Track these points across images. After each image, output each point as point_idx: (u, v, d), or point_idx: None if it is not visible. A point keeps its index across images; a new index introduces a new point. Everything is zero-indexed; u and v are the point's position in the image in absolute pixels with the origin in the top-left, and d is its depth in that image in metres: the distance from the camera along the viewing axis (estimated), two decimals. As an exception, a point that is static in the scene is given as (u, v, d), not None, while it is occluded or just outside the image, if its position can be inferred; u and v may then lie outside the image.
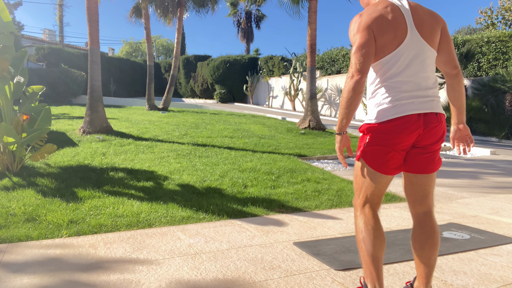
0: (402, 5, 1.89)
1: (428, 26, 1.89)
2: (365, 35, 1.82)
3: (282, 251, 2.86)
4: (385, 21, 1.83)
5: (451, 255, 2.79)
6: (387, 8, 1.87)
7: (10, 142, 4.96)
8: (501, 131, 11.82)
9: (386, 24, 1.83)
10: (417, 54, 1.85)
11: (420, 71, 1.86)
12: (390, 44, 1.83)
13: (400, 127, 1.82)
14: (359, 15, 1.90)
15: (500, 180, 5.82)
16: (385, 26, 1.83)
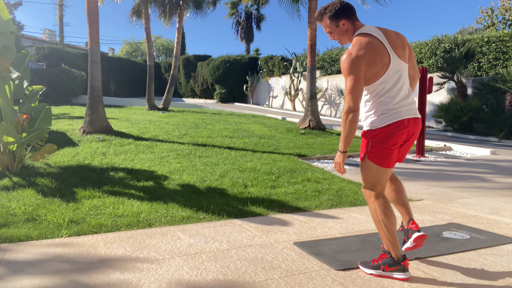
0: (380, 34, 2.29)
1: (400, 46, 2.34)
2: (355, 75, 2.22)
3: (282, 251, 2.86)
4: (372, 55, 2.23)
5: (451, 255, 2.79)
6: (371, 42, 2.25)
7: (10, 142, 4.96)
8: (501, 131, 11.82)
9: (374, 58, 2.23)
10: (399, 72, 2.31)
11: (403, 85, 2.34)
12: (379, 72, 2.26)
13: (397, 129, 2.29)
14: (349, 54, 2.24)
15: (500, 180, 5.82)
16: (373, 60, 2.23)
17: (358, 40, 2.26)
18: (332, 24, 2.38)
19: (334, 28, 2.39)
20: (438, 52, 15.46)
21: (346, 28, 2.36)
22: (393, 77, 2.28)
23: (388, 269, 2.35)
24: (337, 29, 2.39)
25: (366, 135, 2.36)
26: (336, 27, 2.38)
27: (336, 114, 19.56)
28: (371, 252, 2.83)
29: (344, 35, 2.39)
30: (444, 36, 15.70)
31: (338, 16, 2.35)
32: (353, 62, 2.21)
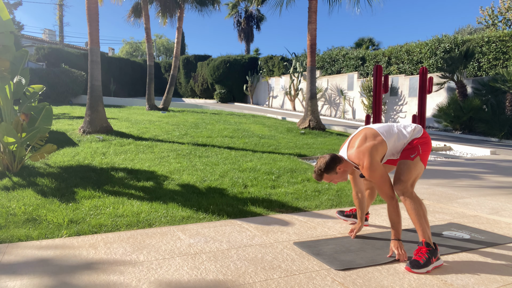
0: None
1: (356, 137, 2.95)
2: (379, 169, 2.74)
3: (282, 251, 2.86)
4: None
5: (450, 254, 2.79)
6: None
7: (10, 142, 4.96)
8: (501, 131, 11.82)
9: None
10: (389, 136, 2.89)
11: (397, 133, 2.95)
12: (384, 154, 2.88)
13: (430, 140, 2.93)
14: (368, 161, 2.71)
15: (500, 180, 5.82)
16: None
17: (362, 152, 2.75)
18: (332, 174, 2.85)
19: (335, 175, 2.85)
20: (438, 52, 15.46)
21: (343, 170, 2.85)
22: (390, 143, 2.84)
23: (434, 260, 2.55)
24: (337, 175, 2.85)
25: (418, 139, 2.83)
26: (336, 174, 2.85)
27: (336, 114, 19.57)
28: (371, 252, 2.83)
29: (344, 175, 2.87)
30: (444, 36, 15.70)
31: (333, 166, 2.83)
32: (373, 160, 2.70)
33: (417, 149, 2.79)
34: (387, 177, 2.67)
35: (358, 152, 2.74)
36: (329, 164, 2.81)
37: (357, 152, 2.74)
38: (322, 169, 2.81)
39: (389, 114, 16.94)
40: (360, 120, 17.57)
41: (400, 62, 17.23)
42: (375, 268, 2.53)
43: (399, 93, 16.51)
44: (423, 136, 2.85)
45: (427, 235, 2.61)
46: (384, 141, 2.78)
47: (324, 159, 2.83)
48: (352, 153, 2.79)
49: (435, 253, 2.55)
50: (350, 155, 2.81)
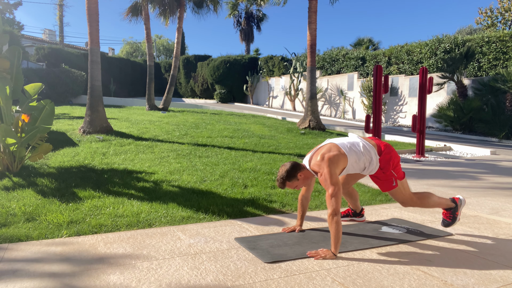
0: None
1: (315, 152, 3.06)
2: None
3: (282, 251, 2.86)
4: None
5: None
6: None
7: (10, 143, 4.95)
8: (501, 131, 11.82)
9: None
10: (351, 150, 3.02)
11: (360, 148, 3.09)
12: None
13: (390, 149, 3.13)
14: (326, 169, 2.82)
15: (500, 180, 5.82)
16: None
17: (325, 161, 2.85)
18: (294, 182, 2.94)
19: (297, 182, 2.94)
20: (438, 52, 15.46)
21: (304, 176, 2.96)
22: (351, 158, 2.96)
23: (457, 212, 3.21)
24: (299, 181, 2.95)
25: (384, 158, 2.99)
26: (297, 181, 2.94)
27: (336, 114, 19.57)
28: (307, 245, 2.93)
29: (305, 181, 2.99)
30: (444, 36, 15.71)
31: (295, 174, 2.91)
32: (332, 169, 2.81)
33: (392, 176, 3.01)
34: (340, 191, 2.73)
35: (320, 161, 2.85)
36: (290, 171, 2.90)
37: (319, 161, 2.86)
38: (284, 177, 2.90)
39: (389, 114, 16.94)
40: (360, 120, 17.58)
41: (400, 62, 17.23)
42: (375, 268, 2.53)
43: (399, 93, 16.51)
44: (385, 152, 2.99)
45: (443, 205, 3.19)
46: (346, 155, 2.90)
47: (285, 167, 2.92)
48: (314, 163, 2.91)
49: (456, 209, 3.19)
50: (312, 164, 2.92)
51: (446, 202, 3.20)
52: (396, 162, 3.03)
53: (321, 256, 2.69)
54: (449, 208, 3.22)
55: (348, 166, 2.93)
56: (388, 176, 3.01)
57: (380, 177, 3.05)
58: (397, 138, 10.96)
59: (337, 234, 2.68)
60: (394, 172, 3.01)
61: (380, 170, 3.01)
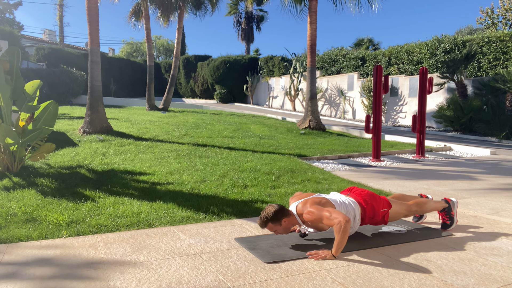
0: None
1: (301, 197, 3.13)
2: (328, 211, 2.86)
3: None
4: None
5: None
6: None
7: (10, 143, 4.95)
8: (502, 131, 11.81)
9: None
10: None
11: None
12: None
13: None
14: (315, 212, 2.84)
15: (500, 180, 5.82)
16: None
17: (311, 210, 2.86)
18: (276, 225, 2.86)
19: (279, 226, 2.87)
20: (438, 52, 15.46)
21: (287, 223, 2.89)
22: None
23: (452, 212, 3.34)
24: (281, 227, 2.88)
25: (376, 216, 3.08)
26: (280, 226, 2.87)
27: (336, 114, 19.57)
28: (307, 246, 2.93)
29: (287, 228, 2.91)
30: (444, 37, 15.70)
31: (280, 218, 2.85)
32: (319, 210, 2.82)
33: (383, 214, 3.07)
34: (336, 209, 2.82)
35: (305, 204, 2.90)
36: (276, 214, 2.85)
37: (304, 204, 2.91)
38: (269, 217, 2.84)
39: (389, 114, 16.95)
40: (360, 120, 17.58)
41: (400, 62, 17.23)
42: (375, 269, 2.53)
43: (399, 93, 16.51)
44: (367, 206, 3.03)
45: (439, 208, 3.32)
46: (334, 206, 2.93)
47: (273, 208, 2.86)
48: (299, 206, 2.93)
49: (450, 209, 3.32)
50: (298, 208, 2.93)
51: (441, 204, 3.34)
52: (378, 202, 3.07)
53: (321, 256, 2.69)
54: (443, 209, 3.35)
55: None
56: (380, 216, 3.07)
57: (375, 221, 3.09)
58: (397, 138, 10.96)
59: (342, 241, 2.68)
60: (383, 210, 3.07)
61: (371, 219, 3.06)
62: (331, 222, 2.72)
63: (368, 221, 3.08)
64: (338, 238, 2.68)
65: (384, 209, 3.07)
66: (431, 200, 3.38)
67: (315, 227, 2.94)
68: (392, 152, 8.54)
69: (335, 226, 2.68)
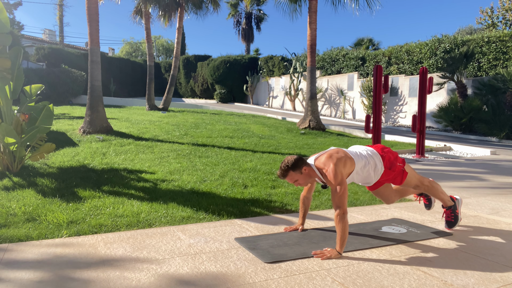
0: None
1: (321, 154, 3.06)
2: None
3: (282, 251, 2.85)
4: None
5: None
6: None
7: (10, 142, 4.95)
8: (502, 131, 11.81)
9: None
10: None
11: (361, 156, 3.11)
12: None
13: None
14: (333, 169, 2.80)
15: (500, 180, 5.82)
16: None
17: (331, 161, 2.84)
18: (297, 173, 2.86)
19: (300, 175, 2.86)
20: (438, 52, 15.46)
21: (308, 172, 2.88)
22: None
23: (458, 210, 3.33)
24: (302, 176, 2.87)
25: (393, 167, 3.05)
26: (301, 174, 2.86)
27: (336, 114, 19.57)
28: (306, 245, 2.93)
29: (307, 178, 2.90)
30: (444, 36, 15.70)
31: (300, 165, 2.85)
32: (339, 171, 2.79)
33: (400, 168, 3.06)
34: (346, 191, 2.73)
35: (327, 158, 2.84)
36: (297, 162, 2.84)
37: (326, 158, 2.85)
38: (290, 165, 2.82)
39: (389, 114, 16.94)
40: (360, 120, 17.58)
41: (400, 62, 17.23)
42: (375, 268, 2.53)
43: (399, 93, 16.51)
44: (385, 154, 3.03)
45: (444, 201, 3.31)
46: (353, 160, 2.91)
47: (292, 157, 2.87)
48: (320, 160, 2.88)
49: (455, 207, 3.31)
50: (318, 162, 2.88)
51: (448, 198, 3.33)
52: (395, 156, 3.10)
53: (327, 256, 2.69)
54: (449, 206, 3.34)
55: (354, 172, 2.94)
56: (397, 170, 3.05)
57: (392, 175, 3.07)
58: (397, 138, 10.96)
59: (344, 234, 2.68)
60: (399, 164, 3.06)
61: (389, 170, 3.03)
62: (334, 200, 2.72)
63: (385, 173, 3.04)
64: (339, 231, 2.68)
65: (400, 163, 3.05)
66: (442, 189, 3.33)
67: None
68: (392, 152, 8.53)
69: (335, 216, 2.70)
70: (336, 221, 2.69)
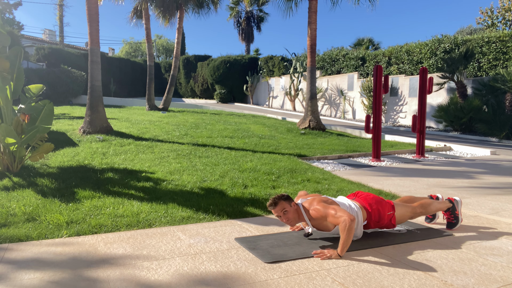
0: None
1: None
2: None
3: (282, 251, 2.85)
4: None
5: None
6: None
7: (10, 143, 4.95)
8: (502, 131, 11.81)
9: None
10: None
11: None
12: None
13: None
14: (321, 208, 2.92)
15: (500, 180, 5.82)
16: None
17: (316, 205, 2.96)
18: (287, 206, 2.94)
19: (289, 207, 2.94)
20: (438, 52, 15.46)
21: (296, 208, 2.97)
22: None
23: (457, 212, 3.37)
24: (291, 209, 2.94)
25: (381, 220, 3.10)
26: (290, 207, 2.95)
27: (336, 114, 19.57)
28: (306, 245, 2.93)
29: (295, 213, 2.96)
30: (444, 36, 15.70)
31: (290, 200, 2.98)
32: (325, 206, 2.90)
33: (389, 217, 3.09)
34: (341, 208, 2.86)
35: (312, 199, 3.00)
36: (288, 196, 2.99)
37: (312, 199, 3.00)
38: (281, 196, 2.95)
39: (389, 114, 16.95)
40: (360, 120, 17.58)
41: (400, 62, 17.23)
42: (375, 268, 2.53)
43: (399, 93, 16.51)
44: (372, 210, 3.05)
45: (443, 208, 3.35)
46: (339, 205, 2.97)
47: (282, 194, 3.03)
48: (307, 201, 3.01)
49: (454, 208, 3.35)
50: (305, 203, 3.00)
51: (445, 205, 3.36)
52: (384, 207, 3.09)
53: (327, 256, 2.69)
54: (447, 208, 3.37)
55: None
56: (387, 220, 3.10)
57: (382, 225, 3.12)
58: (397, 138, 10.96)
59: (348, 239, 2.70)
60: (389, 213, 3.09)
61: (377, 223, 3.08)
62: (336, 220, 2.76)
63: (373, 225, 3.10)
64: (343, 237, 2.69)
65: (390, 212, 3.09)
66: (435, 201, 3.37)
67: (319, 225, 2.96)
68: (392, 152, 8.54)
69: (341, 224, 2.71)
70: (342, 227, 2.70)
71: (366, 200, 3.12)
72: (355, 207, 3.04)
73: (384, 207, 3.09)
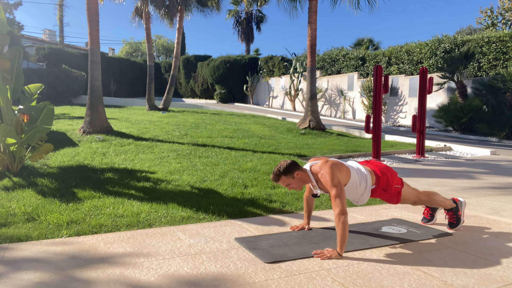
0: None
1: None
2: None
3: (282, 251, 2.85)
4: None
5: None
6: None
7: (10, 143, 4.95)
8: (502, 131, 11.81)
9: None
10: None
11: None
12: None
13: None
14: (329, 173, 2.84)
15: (500, 180, 5.82)
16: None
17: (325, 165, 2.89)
18: (289, 178, 2.91)
19: (292, 179, 2.92)
20: (438, 52, 15.46)
21: (300, 176, 2.93)
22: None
23: (460, 212, 3.35)
24: (294, 180, 2.93)
25: (388, 189, 3.09)
26: (293, 179, 2.92)
27: (336, 114, 19.56)
28: (306, 245, 2.92)
29: (300, 182, 2.95)
30: (444, 36, 15.70)
31: (292, 170, 2.91)
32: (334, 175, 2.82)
33: (396, 190, 3.08)
34: (344, 192, 2.76)
35: (322, 163, 2.89)
36: (289, 167, 2.91)
37: (321, 163, 2.90)
38: (281, 170, 2.90)
39: (389, 114, 16.94)
40: (360, 120, 17.57)
41: (400, 62, 17.23)
42: (375, 268, 2.53)
43: (399, 93, 16.51)
44: (381, 176, 3.03)
45: (446, 206, 3.33)
46: (350, 170, 2.94)
47: (285, 162, 2.94)
48: (316, 165, 2.93)
49: (457, 209, 3.33)
50: (314, 167, 2.93)
51: (449, 203, 3.34)
52: (394, 177, 3.10)
53: (327, 256, 2.69)
54: (450, 208, 3.35)
55: (349, 184, 2.94)
56: (393, 192, 3.09)
57: (387, 196, 3.11)
58: (397, 138, 10.96)
59: (344, 235, 2.69)
60: (396, 186, 3.09)
61: (383, 191, 3.06)
62: (332, 203, 2.75)
63: (379, 193, 3.07)
64: (339, 232, 2.69)
65: (398, 185, 3.08)
66: (441, 195, 3.35)
67: (325, 189, 2.96)
68: (392, 152, 8.54)
69: (335, 218, 2.71)
70: (336, 222, 2.71)
71: (378, 167, 3.12)
72: (365, 170, 3.03)
73: (394, 179, 3.08)
